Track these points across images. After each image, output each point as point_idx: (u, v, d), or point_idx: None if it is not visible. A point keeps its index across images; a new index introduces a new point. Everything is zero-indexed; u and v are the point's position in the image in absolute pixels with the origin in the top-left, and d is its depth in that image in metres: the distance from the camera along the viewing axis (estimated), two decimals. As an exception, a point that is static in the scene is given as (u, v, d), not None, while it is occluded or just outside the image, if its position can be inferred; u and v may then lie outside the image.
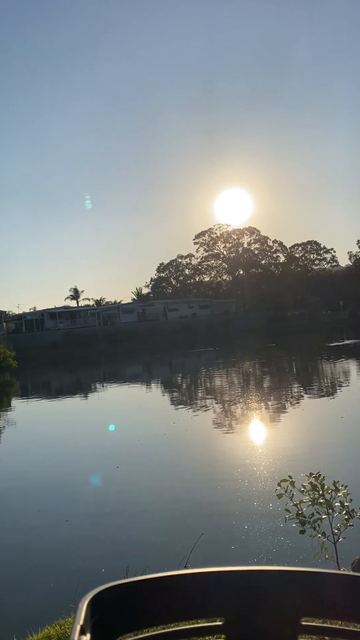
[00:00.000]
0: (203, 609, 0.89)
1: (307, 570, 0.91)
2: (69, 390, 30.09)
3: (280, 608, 0.87)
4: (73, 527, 8.11)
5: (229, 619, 0.88)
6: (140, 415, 19.23)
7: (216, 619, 0.88)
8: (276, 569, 0.91)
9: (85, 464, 12.28)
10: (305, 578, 0.90)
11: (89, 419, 19.79)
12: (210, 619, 0.90)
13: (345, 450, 11.18)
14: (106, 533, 7.85)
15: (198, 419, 17.33)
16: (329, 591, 0.87)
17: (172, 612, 0.88)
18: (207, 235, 77.26)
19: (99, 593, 0.82)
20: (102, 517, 8.52)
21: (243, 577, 0.90)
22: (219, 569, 0.89)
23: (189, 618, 0.89)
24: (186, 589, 0.89)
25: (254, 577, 0.90)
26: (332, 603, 0.87)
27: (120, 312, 67.28)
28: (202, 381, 29.61)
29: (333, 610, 0.87)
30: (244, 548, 6.76)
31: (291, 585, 0.88)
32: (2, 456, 14.82)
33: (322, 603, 0.88)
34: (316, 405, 18.06)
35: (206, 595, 0.88)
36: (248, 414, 17.49)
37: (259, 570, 0.91)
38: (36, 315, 65.89)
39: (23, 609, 5.55)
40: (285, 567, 0.90)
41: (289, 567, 0.91)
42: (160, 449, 12.98)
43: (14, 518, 8.98)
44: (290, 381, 25.93)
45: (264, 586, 0.89)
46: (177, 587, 0.88)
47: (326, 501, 4.03)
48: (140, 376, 35.20)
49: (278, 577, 0.90)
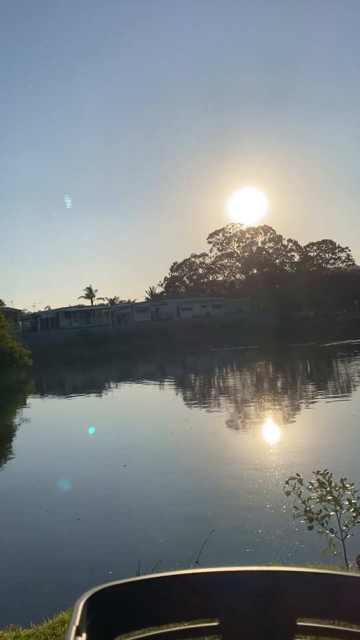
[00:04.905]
0: (199, 609, 0.89)
1: (303, 570, 0.92)
2: (83, 389, 30.35)
3: (276, 608, 0.88)
4: (84, 525, 8.24)
5: (225, 620, 0.88)
6: (152, 414, 19.35)
7: (212, 619, 0.89)
8: (272, 570, 0.92)
9: (94, 462, 12.42)
10: (300, 578, 0.90)
11: (100, 417, 19.97)
12: (206, 619, 0.89)
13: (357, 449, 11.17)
14: (117, 530, 7.96)
15: (216, 418, 17.39)
16: (324, 591, 0.88)
17: (168, 612, 0.88)
18: (220, 234, 77.20)
19: (94, 594, 0.82)
20: (112, 515, 8.62)
21: (239, 577, 0.90)
22: (215, 570, 0.90)
23: (185, 619, 0.89)
24: (182, 590, 0.89)
25: (250, 577, 0.91)
26: (327, 603, 0.88)
27: (133, 311, 67.57)
28: (215, 381, 29.66)
29: (329, 611, 0.88)
30: (255, 544, 6.82)
31: (287, 585, 0.89)
32: (16, 453, 15.07)
33: (317, 603, 0.88)
34: (330, 404, 17.99)
35: (202, 596, 0.89)
36: (261, 413, 17.50)
37: (255, 571, 0.91)
38: (51, 314, 66.52)
39: (38, 600, 5.70)
40: (280, 567, 0.91)
41: (284, 567, 0.92)
42: (170, 447, 13.08)
43: (25, 515, 9.13)
44: (304, 381, 25.84)
45: (259, 587, 0.89)
46: (173, 588, 0.89)
47: (334, 498, 4.08)
48: (153, 375, 35.34)
49: (274, 578, 0.91)
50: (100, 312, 68.18)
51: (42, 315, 65.69)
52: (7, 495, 10.56)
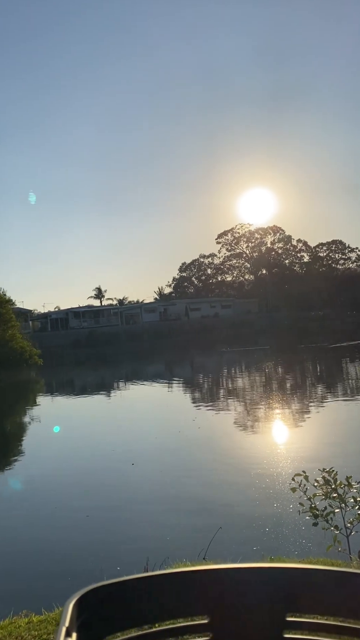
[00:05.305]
0: (188, 607, 0.90)
1: (292, 566, 0.93)
2: (92, 388, 30.54)
3: (265, 604, 0.88)
4: (93, 521, 8.35)
5: (214, 617, 0.88)
6: (160, 413, 19.45)
7: (202, 617, 0.89)
8: (260, 566, 0.92)
9: (103, 460, 12.53)
10: (290, 574, 0.91)
11: (109, 417, 20.11)
12: (196, 617, 0.90)
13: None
14: (125, 527, 8.06)
15: (224, 418, 17.44)
16: (314, 587, 0.89)
17: (158, 611, 0.89)
18: (229, 234, 77.13)
19: (84, 594, 0.82)
20: (120, 512, 8.72)
21: (227, 574, 0.91)
22: (204, 567, 0.92)
23: (174, 617, 0.90)
24: (171, 588, 0.89)
25: (239, 574, 0.91)
26: (317, 598, 0.88)
27: (142, 311, 67.76)
28: (224, 381, 29.68)
29: (318, 606, 0.89)
30: (262, 541, 6.88)
31: (276, 581, 0.89)
32: (26, 451, 15.25)
33: (307, 599, 0.89)
34: (341, 405, 17.96)
35: (191, 594, 0.89)
36: (270, 414, 17.53)
37: (243, 568, 0.91)
38: (61, 314, 66.93)
39: (49, 590, 5.84)
40: (269, 563, 0.94)
41: (273, 563, 0.95)
42: (177, 446, 13.16)
43: (35, 512, 9.26)
44: (315, 382, 25.79)
45: (248, 583, 0.90)
46: (162, 587, 0.89)
47: (339, 496, 4.14)
48: (162, 375, 35.45)
49: (262, 574, 0.91)
50: (109, 312, 68.46)
51: (51, 316, 66.13)
52: (18, 492, 10.71)
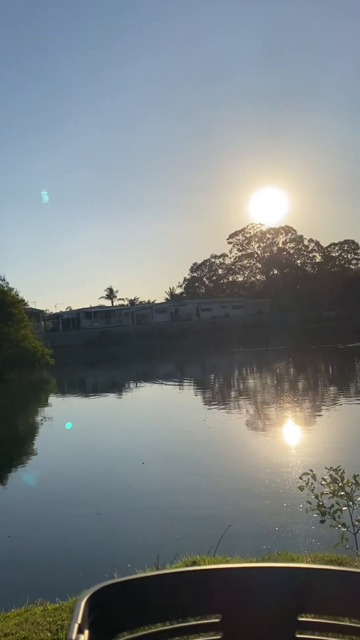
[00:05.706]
0: (200, 606, 0.90)
1: (304, 566, 0.93)
2: (103, 388, 30.74)
3: (277, 605, 0.88)
4: (104, 519, 8.46)
5: (226, 616, 0.89)
6: (170, 413, 19.52)
7: (213, 616, 0.90)
8: (272, 566, 0.92)
9: (114, 459, 12.63)
10: (301, 574, 0.91)
11: (120, 416, 20.24)
12: (207, 616, 0.90)
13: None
14: (136, 525, 8.15)
15: (234, 419, 17.47)
16: (325, 587, 0.89)
17: (170, 610, 0.89)
18: (241, 234, 76.98)
19: (96, 591, 0.83)
20: (131, 510, 8.82)
21: (239, 574, 0.92)
22: (216, 567, 0.92)
23: (186, 615, 0.90)
24: (183, 587, 0.90)
25: (250, 574, 0.91)
26: (329, 599, 0.88)
27: (153, 311, 67.93)
28: (235, 381, 29.68)
29: (330, 606, 0.89)
30: (272, 540, 6.92)
31: (288, 581, 0.89)
32: (38, 450, 15.43)
33: (319, 599, 0.89)
34: (353, 406, 17.89)
35: (203, 593, 0.89)
36: (281, 414, 17.52)
37: (255, 567, 0.92)
38: (72, 314, 67.36)
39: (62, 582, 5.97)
40: (281, 563, 0.94)
41: (284, 563, 0.95)
42: (187, 446, 13.22)
43: (48, 509, 9.40)
44: (327, 382, 25.69)
45: (260, 583, 0.90)
46: (174, 585, 0.90)
47: (346, 494, 4.17)
48: (172, 375, 35.53)
49: (274, 574, 0.91)
50: (121, 312, 68.76)
51: (63, 316, 66.58)
52: (33, 489, 10.87)
